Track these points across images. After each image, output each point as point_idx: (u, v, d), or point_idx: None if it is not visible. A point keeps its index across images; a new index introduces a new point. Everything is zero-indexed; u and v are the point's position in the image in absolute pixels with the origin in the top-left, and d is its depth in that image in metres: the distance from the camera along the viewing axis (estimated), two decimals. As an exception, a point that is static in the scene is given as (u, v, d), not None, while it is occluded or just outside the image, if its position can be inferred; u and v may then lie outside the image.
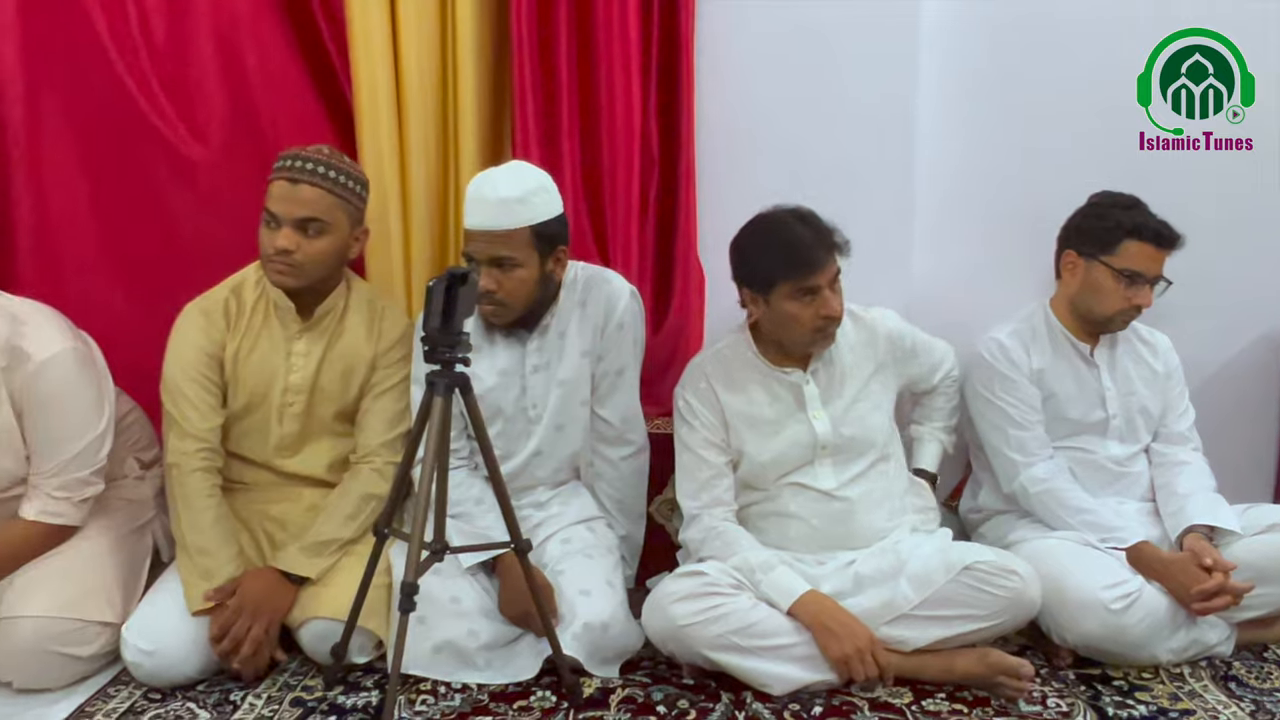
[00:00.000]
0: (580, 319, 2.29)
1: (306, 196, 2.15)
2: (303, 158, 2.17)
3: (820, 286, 2.10)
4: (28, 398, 2.14)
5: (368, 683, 2.15)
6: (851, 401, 2.25)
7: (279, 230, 2.16)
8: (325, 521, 2.24)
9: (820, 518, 2.22)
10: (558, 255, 2.22)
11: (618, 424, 2.35)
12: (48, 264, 2.61)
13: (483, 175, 2.19)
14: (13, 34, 2.51)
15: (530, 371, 2.29)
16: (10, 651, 2.08)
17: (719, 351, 2.32)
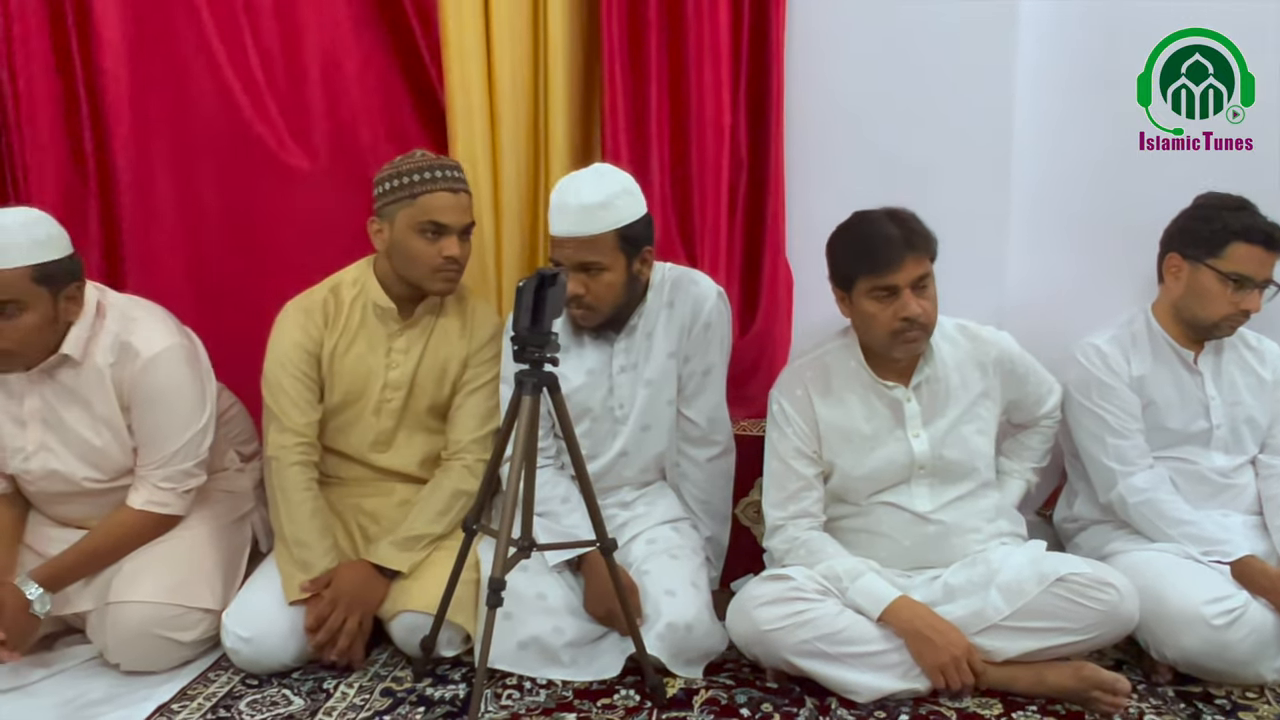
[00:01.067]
0: (667, 320, 2.30)
1: (466, 204, 2.27)
2: (450, 166, 2.25)
3: (899, 286, 2.05)
4: (135, 392, 2.22)
5: (455, 676, 2.18)
6: (954, 423, 2.19)
7: (446, 239, 2.23)
8: (417, 517, 2.29)
9: (912, 539, 2.18)
10: (643, 256, 2.22)
11: (703, 424, 2.35)
12: (153, 261, 2.69)
13: (566, 181, 2.20)
14: (122, 37, 2.60)
15: (617, 371, 2.30)
16: (119, 635, 2.16)
17: (821, 357, 2.26)
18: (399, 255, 2.27)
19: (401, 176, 2.23)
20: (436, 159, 2.27)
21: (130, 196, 2.68)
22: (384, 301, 2.32)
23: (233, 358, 2.47)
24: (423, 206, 2.22)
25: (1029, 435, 2.37)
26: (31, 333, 2.11)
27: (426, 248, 2.24)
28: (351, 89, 2.66)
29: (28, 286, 2.07)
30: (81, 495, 2.29)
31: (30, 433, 2.22)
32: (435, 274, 2.26)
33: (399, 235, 2.25)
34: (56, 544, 2.27)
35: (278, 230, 2.70)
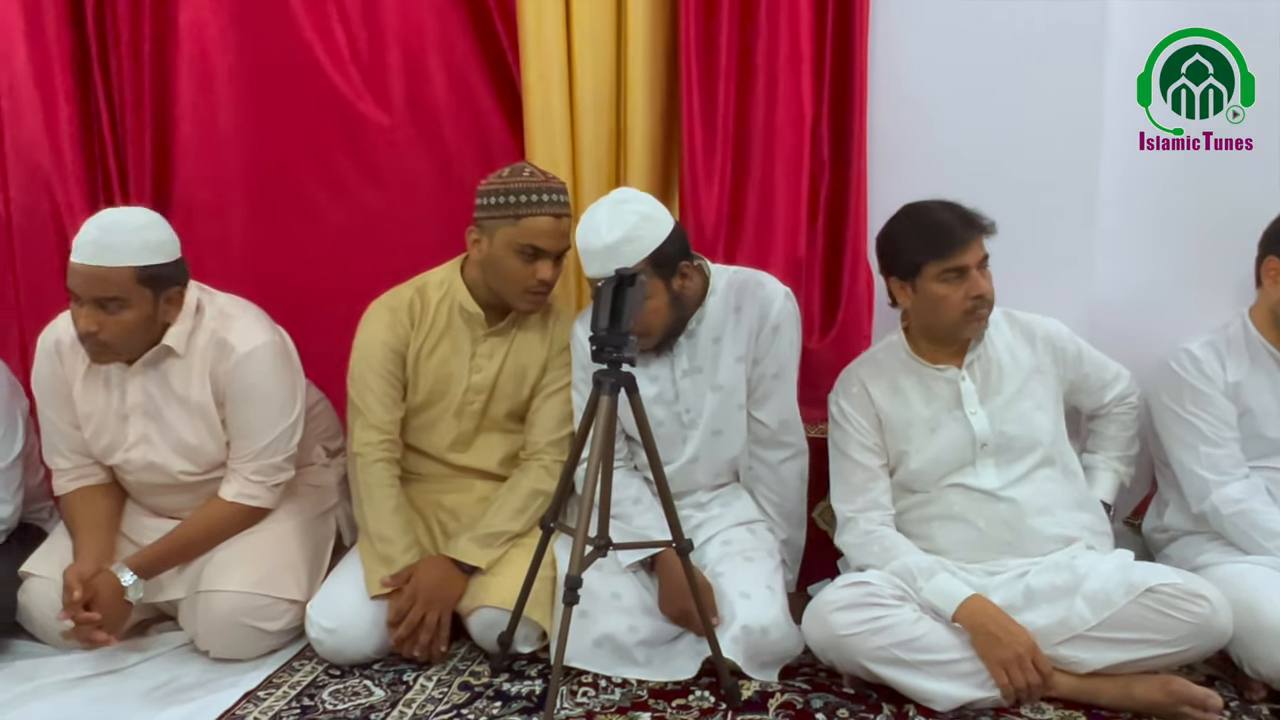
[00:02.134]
0: (735, 324, 2.29)
1: (567, 229, 2.27)
2: (557, 190, 2.25)
3: (968, 266, 2.09)
4: (229, 387, 2.29)
5: (531, 672, 2.21)
6: (1011, 399, 2.19)
7: (542, 262, 2.25)
8: (495, 514, 2.32)
9: (985, 519, 2.15)
10: (682, 272, 2.20)
11: (775, 427, 2.33)
12: (253, 259, 2.76)
13: (584, 220, 2.17)
14: (228, 38, 2.69)
15: (680, 376, 2.30)
16: (208, 622, 2.23)
17: (872, 355, 2.32)
18: (492, 270, 2.29)
19: (509, 195, 2.23)
20: (545, 180, 2.26)
21: (237, 196, 2.76)
22: (472, 307, 2.35)
23: (318, 353, 2.52)
24: (525, 229, 2.23)
25: (1105, 424, 2.35)
26: (130, 329, 2.19)
27: (521, 268, 2.26)
28: (436, 78, 2.69)
29: (132, 286, 2.15)
30: (176, 487, 2.37)
31: (131, 426, 2.31)
32: (526, 294, 2.29)
33: (497, 251, 2.26)
34: (151, 533, 2.35)
35: (366, 227, 2.74)
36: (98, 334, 2.15)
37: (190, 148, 2.76)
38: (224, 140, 2.75)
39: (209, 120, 2.74)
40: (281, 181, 2.77)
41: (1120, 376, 2.33)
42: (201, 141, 2.75)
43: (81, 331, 2.16)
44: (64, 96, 2.73)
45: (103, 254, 2.11)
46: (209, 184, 2.77)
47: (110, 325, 2.16)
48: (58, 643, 2.26)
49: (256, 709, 2.07)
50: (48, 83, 2.72)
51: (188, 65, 2.72)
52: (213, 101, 2.73)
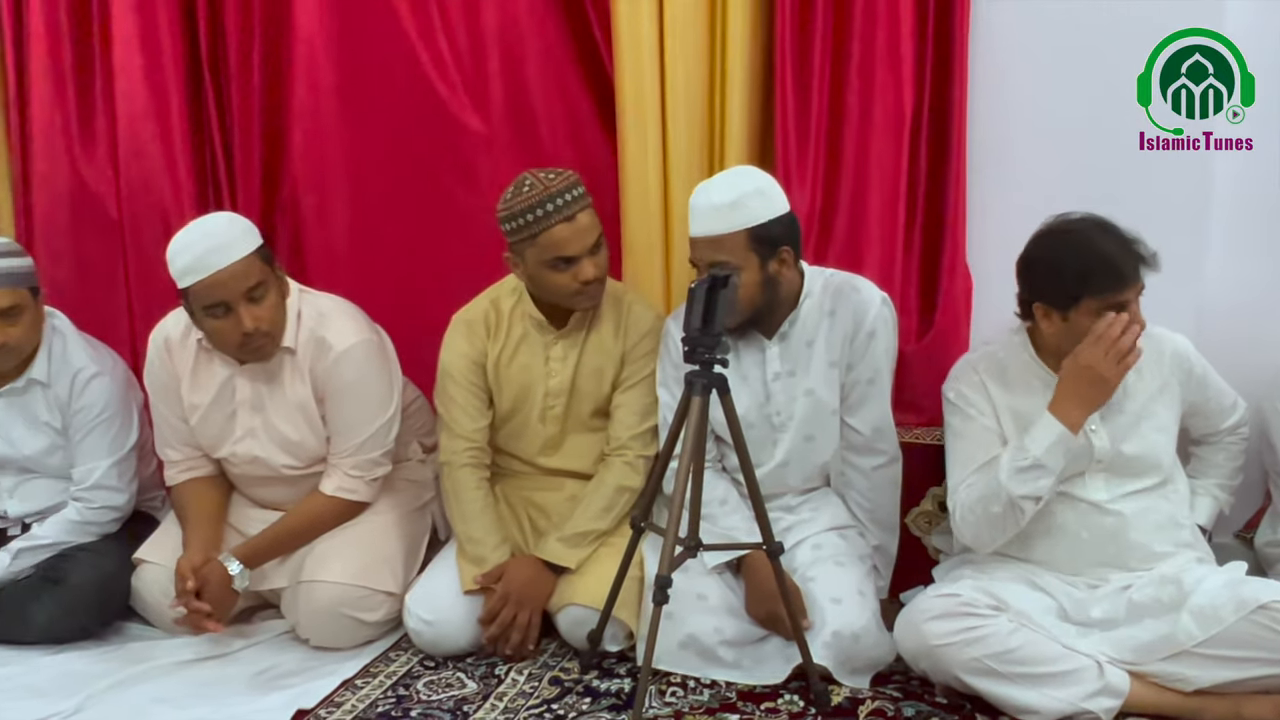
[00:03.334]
0: (829, 328, 2.26)
1: (586, 222, 2.24)
2: (559, 192, 2.20)
3: (1129, 302, 1.97)
4: (328, 384, 2.36)
5: (621, 670, 2.22)
6: (1134, 419, 2.09)
7: (578, 266, 2.23)
8: (582, 514, 2.34)
9: (1090, 530, 2.07)
10: (781, 257, 2.18)
11: (868, 433, 2.30)
12: (355, 261, 2.82)
13: (703, 183, 2.20)
14: (337, 44, 2.75)
15: (772, 378, 2.28)
16: (309, 612, 2.30)
17: (993, 352, 2.20)
18: (538, 285, 2.31)
19: (516, 218, 2.21)
20: (545, 188, 2.20)
21: (339, 192, 2.82)
22: (536, 314, 2.38)
23: (415, 352, 2.57)
24: (545, 245, 2.21)
25: (1213, 451, 2.25)
26: (279, 309, 2.28)
27: (562, 277, 2.25)
28: (533, 82, 2.72)
29: (264, 268, 2.25)
30: (279, 480, 2.45)
31: (238, 421, 2.39)
32: (576, 296, 2.29)
33: (533, 270, 2.27)
34: (256, 524, 2.43)
35: (463, 223, 2.77)
36: (262, 326, 2.23)
37: (298, 153, 2.83)
38: (330, 145, 2.82)
39: (317, 126, 2.81)
40: (383, 185, 2.82)
41: (1237, 406, 2.23)
42: (308, 146, 2.82)
43: (249, 330, 2.22)
44: (177, 104, 2.83)
45: (227, 251, 2.19)
46: (315, 188, 2.84)
47: (267, 313, 2.24)
48: (168, 627, 2.36)
49: (354, 696, 2.13)
50: (161, 90, 2.82)
51: (301, 71, 2.79)
52: (321, 107, 2.80)
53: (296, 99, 2.81)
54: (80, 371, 2.47)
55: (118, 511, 2.51)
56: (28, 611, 2.33)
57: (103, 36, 2.84)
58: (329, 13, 2.75)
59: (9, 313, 2.35)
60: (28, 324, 2.40)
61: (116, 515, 2.51)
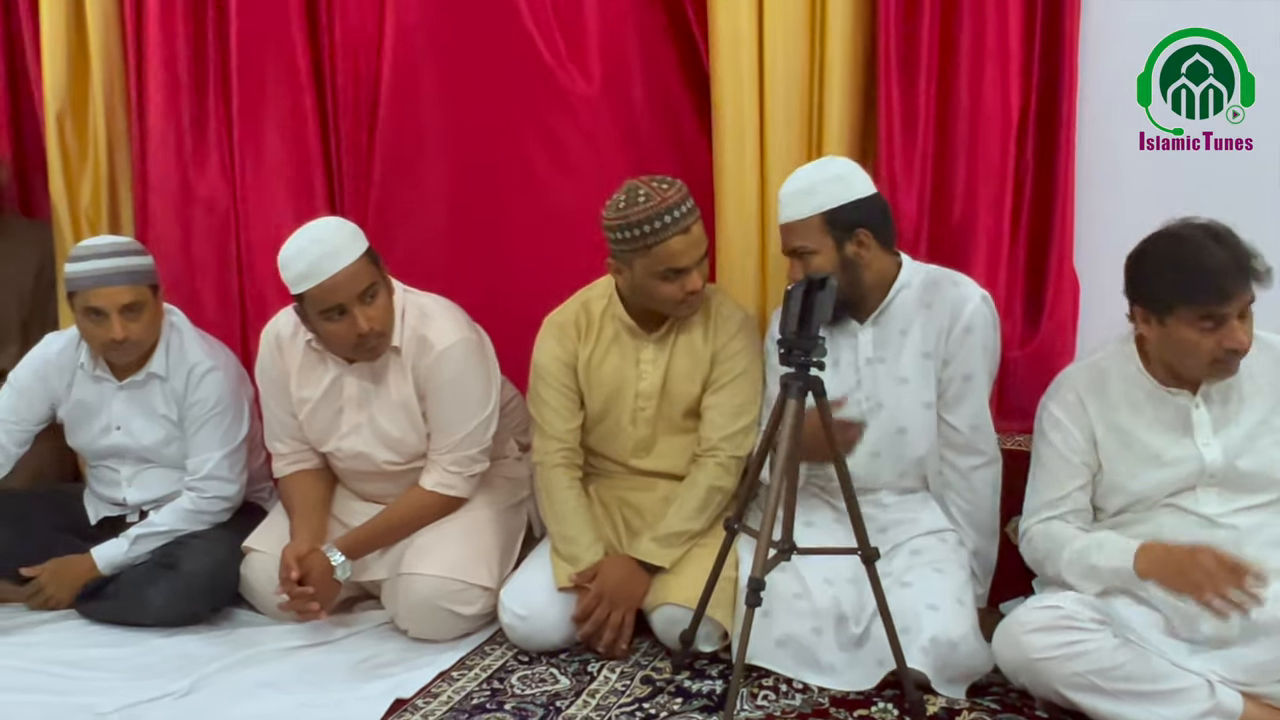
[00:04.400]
0: (925, 320, 2.24)
1: (699, 235, 2.26)
2: (675, 205, 2.20)
3: (1228, 316, 1.89)
4: (429, 382, 2.41)
5: (713, 671, 2.22)
6: (1250, 433, 2.00)
7: (686, 277, 2.25)
8: (675, 514, 2.34)
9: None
10: (859, 239, 2.18)
11: (966, 432, 2.26)
12: (452, 260, 2.85)
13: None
14: (431, 44, 2.79)
15: (864, 364, 2.26)
16: (408, 604, 2.35)
17: (1096, 363, 2.13)
18: (642, 293, 2.31)
19: (631, 229, 2.21)
20: (661, 200, 2.20)
21: (435, 170, 2.87)
22: (627, 319, 2.38)
23: (511, 351, 2.60)
24: (658, 256, 2.22)
25: None
26: (390, 309, 2.34)
27: (670, 287, 2.26)
28: (634, 80, 2.72)
29: (373, 270, 2.31)
30: (381, 475, 2.51)
31: (344, 417, 2.46)
32: (680, 305, 2.31)
33: (639, 280, 2.28)
34: (358, 516, 2.50)
35: (556, 210, 2.80)
36: (376, 327, 2.29)
37: (395, 156, 2.87)
38: (425, 148, 2.85)
39: (412, 134, 2.85)
40: (478, 186, 2.85)
41: None
42: (402, 152, 2.86)
43: (364, 331, 2.28)
44: (291, 106, 2.90)
45: (338, 256, 2.24)
46: (408, 186, 2.88)
47: (379, 313, 2.30)
48: (274, 614, 2.43)
49: (450, 688, 2.17)
50: (278, 93, 2.90)
51: (390, 69, 2.83)
52: (413, 106, 2.84)
53: (385, 95, 2.85)
54: (196, 366, 2.57)
55: (228, 501, 2.61)
56: (144, 595, 2.44)
57: (218, 40, 2.93)
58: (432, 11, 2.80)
59: (131, 308, 2.46)
60: (148, 320, 2.51)
61: (227, 505, 2.61)
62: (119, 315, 2.44)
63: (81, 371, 2.58)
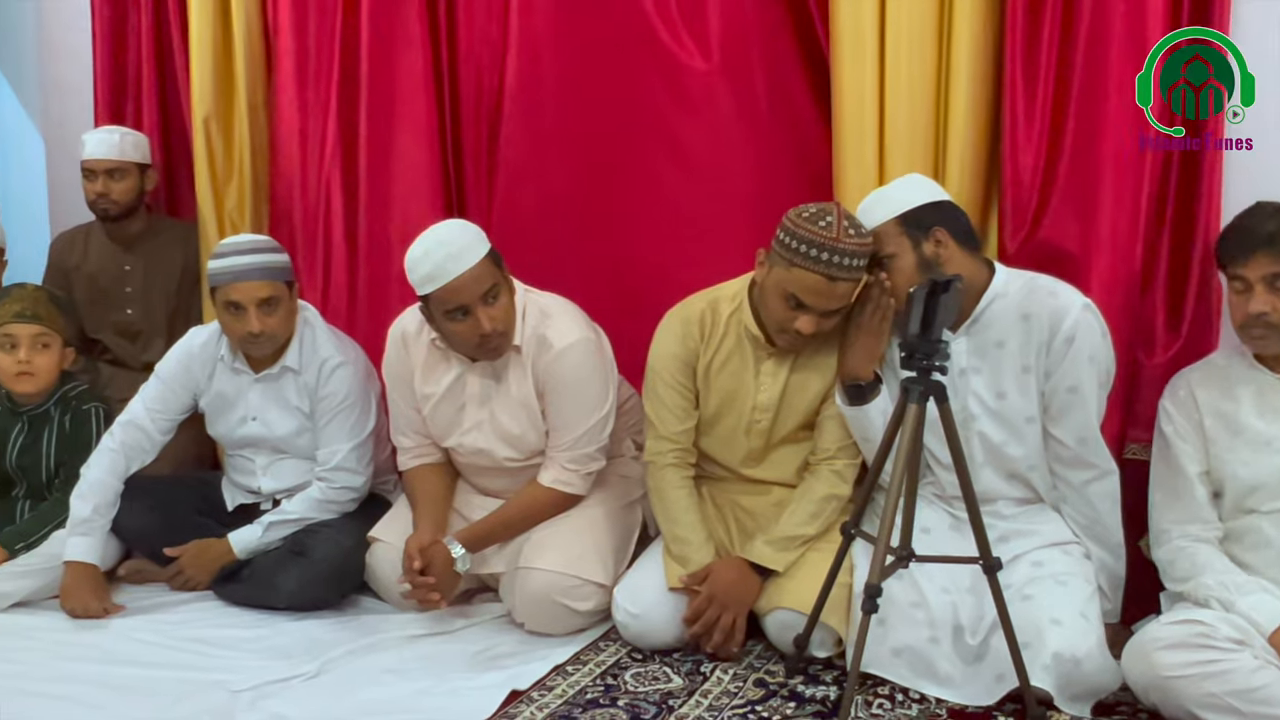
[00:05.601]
0: (1023, 331, 2.17)
1: (842, 291, 2.18)
2: (847, 253, 2.12)
3: (1249, 280, 1.97)
4: (548, 380, 2.45)
5: (827, 677, 2.20)
6: None
7: (805, 315, 2.18)
8: (789, 518, 2.32)
9: None
10: (935, 238, 2.15)
11: (1073, 445, 2.18)
12: (574, 261, 2.88)
13: None
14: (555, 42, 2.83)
15: (958, 374, 2.20)
16: (525, 597, 2.39)
17: (1211, 359, 2.15)
18: (761, 299, 2.28)
19: (795, 238, 2.16)
20: (835, 238, 2.11)
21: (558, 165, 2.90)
22: (753, 328, 2.35)
23: (630, 351, 2.61)
24: (794, 278, 2.16)
25: None
26: (510, 311, 2.39)
27: (784, 311, 2.21)
28: (757, 78, 2.70)
29: (496, 271, 2.35)
30: (500, 471, 2.56)
31: (466, 414, 2.51)
32: (781, 334, 2.27)
33: (769, 285, 2.23)
34: (478, 510, 2.55)
35: (678, 227, 2.80)
36: (498, 327, 2.34)
37: (517, 155, 2.92)
38: (546, 145, 2.89)
39: (534, 128, 2.90)
40: (600, 187, 2.88)
41: None
42: (527, 151, 2.91)
43: (487, 331, 2.32)
44: (420, 107, 2.99)
45: (462, 258, 2.29)
46: (530, 187, 2.92)
47: (501, 313, 2.35)
48: (397, 602, 2.51)
49: (564, 682, 2.20)
50: (407, 95, 2.98)
51: (515, 75, 2.88)
52: (536, 109, 2.89)
53: (510, 93, 2.89)
54: (327, 361, 2.67)
55: (355, 492, 2.70)
56: (276, 580, 2.54)
57: (345, 41, 3.03)
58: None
59: (268, 303, 2.57)
60: (283, 315, 2.62)
61: (354, 495, 2.70)
62: (256, 309, 2.55)
63: (221, 364, 2.71)
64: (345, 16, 3.03)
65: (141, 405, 2.69)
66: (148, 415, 2.68)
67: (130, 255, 3.33)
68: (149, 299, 3.33)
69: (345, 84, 3.05)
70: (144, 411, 2.68)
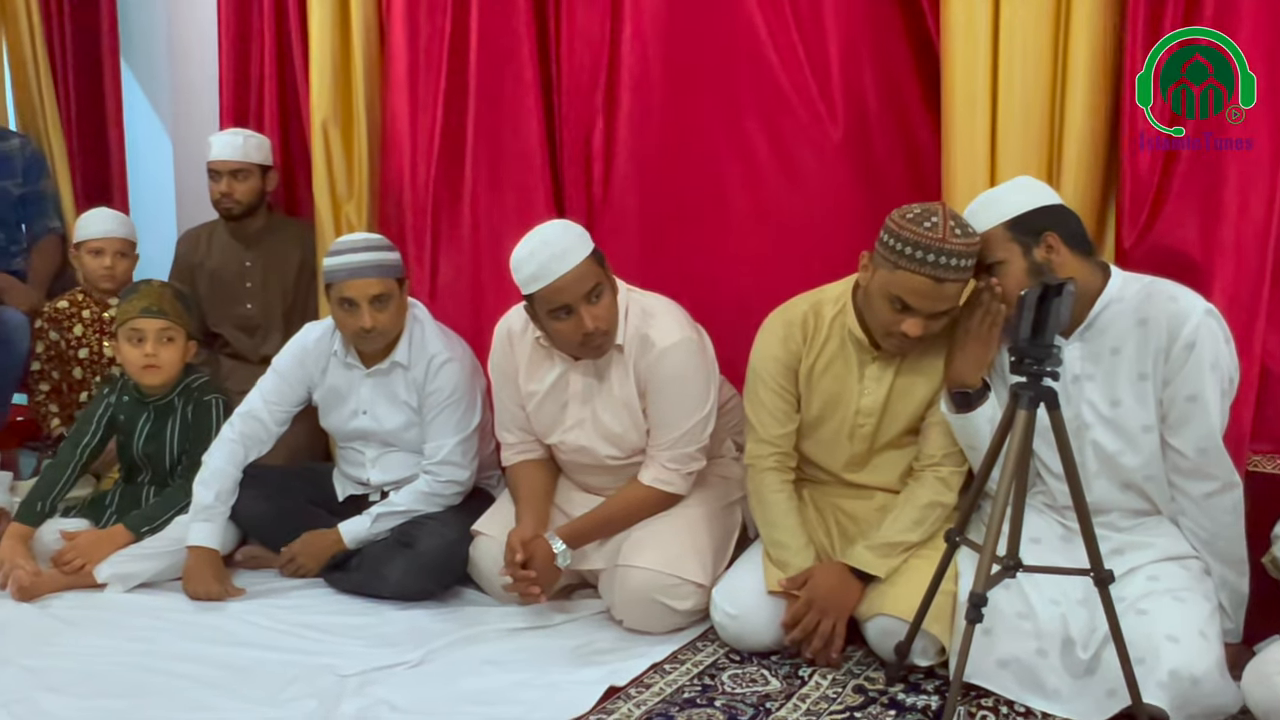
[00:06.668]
0: (1139, 338, 2.09)
1: (950, 292, 2.14)
2: (953, 254, 2.08)
3: None
4: (650, 380, 2.46)
5: (928, 686, 2.16)
6: None
7: (912, 318, 2.14)
8: (892, 524, 2.29)
9: None
10: (1047, 243, 2.08)
11: (1193, 456, 2.09)
12: (677, 262, 2.89)
13: None
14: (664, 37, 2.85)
15: (1070, 381, 2.13)
16: (624, 594, 2.41)
17: None
18: (866, 302, 2.25)
19: (899, 240, 2.12)
20: (941, 239, 2.07)
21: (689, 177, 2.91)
22: (857, 331, 2.32)
23: (732, 353, 2.61)
24: (899, 281, 2.13)
25: None
26: (613, 310, 2.41)
27: (889, 315, 2.18)
28: (866, 75, 2.68)
29: (599, 270, 2.38)
30: (601, 469, 2.58)
31: (569, 412, 2.55)
32: (887, 338, 2.23)
33: (874, 288, 2.20)
34: (579, 507, 2.58)
35: (781, 230, 2.79)
36: (601, 326, 2.37)
37: (621, 154, 2.94)
38: (650, 142, 2.90)
39: (638, 131, 2.91)
40: (704, 187, 2.87)
41: None
42: (630, 148, 2.93)
43: (590, 330, 2.35)
44: (531, 110, 3.03)
45: (566, 257, 2.32)
46: (637, 184, 2.94)
47: (604, 312, 2.38)
48: (499, 595, 2.55)
49: (662, 680, 2.21)
50: (516, 99, 3.03)
51: (626, 75, 2.90)
52: (642, 112, 2.90)
53: (622, 97, 2.92)
54: (435, 357, 2.73)
55: (460, 486, 2.75)
56: (383, 570, 2.62)
57: (454, 46, 3.08)
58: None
59: (380, 299, 2.64)
60: (394, 311, 2.69)
61: (459, 489, 2.75)
62: (369, 305, 2.62)
63: (335, 359, 2.79)
64: (455, 19, 3.08)
65: (259, 397, 2.79)
66: (265, 407, 2.78)
67: (250, 252, 3.47)
68: (267, 295, 3.46)
69: (452, 86, 3.10)
70: (261, 404, 2.78)
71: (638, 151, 2.93)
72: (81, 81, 3.99)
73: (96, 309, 3.39)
